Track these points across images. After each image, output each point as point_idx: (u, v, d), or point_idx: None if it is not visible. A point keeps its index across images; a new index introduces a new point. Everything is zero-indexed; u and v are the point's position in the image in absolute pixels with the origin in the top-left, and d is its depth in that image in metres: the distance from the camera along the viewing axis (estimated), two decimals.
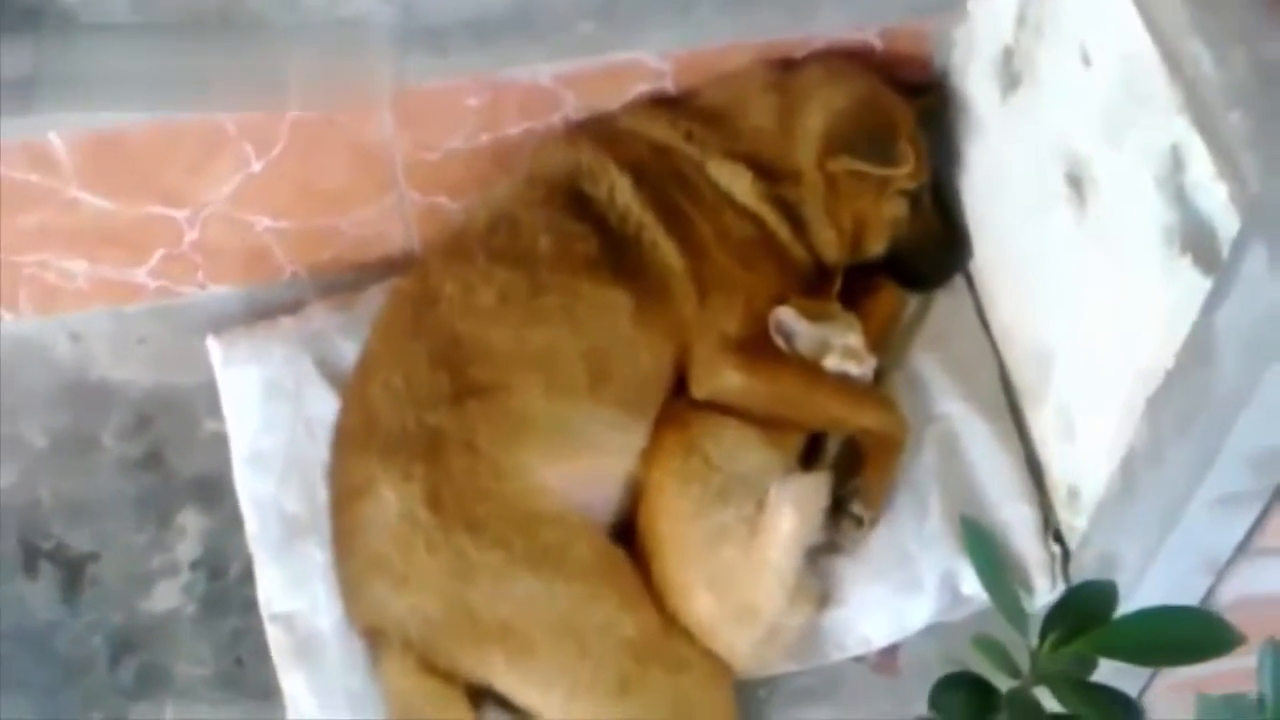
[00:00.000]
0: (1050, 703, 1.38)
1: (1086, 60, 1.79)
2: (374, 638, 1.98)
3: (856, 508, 2.06)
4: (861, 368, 2.11)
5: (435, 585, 1.92)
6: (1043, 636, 1.38)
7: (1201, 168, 1.54)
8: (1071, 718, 1.35)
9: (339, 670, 2.04)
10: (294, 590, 2.11)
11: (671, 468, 2.02)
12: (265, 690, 2.08)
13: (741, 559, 1.96)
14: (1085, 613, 1.38)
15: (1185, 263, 1.61)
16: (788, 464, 2.07)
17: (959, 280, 2.30)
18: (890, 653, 2.09)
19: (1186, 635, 1.32)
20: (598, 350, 2.03)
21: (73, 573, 2.24)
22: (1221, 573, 1.79)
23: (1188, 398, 1.64)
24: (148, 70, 2.12)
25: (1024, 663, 1.38)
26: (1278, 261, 1.43)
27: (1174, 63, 1.58)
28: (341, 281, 2.39)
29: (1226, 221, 1.51)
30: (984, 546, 1.42)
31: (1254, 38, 1.50)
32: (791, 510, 1.97)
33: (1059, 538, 2.08)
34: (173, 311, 2.42)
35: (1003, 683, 1.38)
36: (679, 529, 1.99)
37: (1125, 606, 1.39)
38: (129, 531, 2.27)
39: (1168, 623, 1.35)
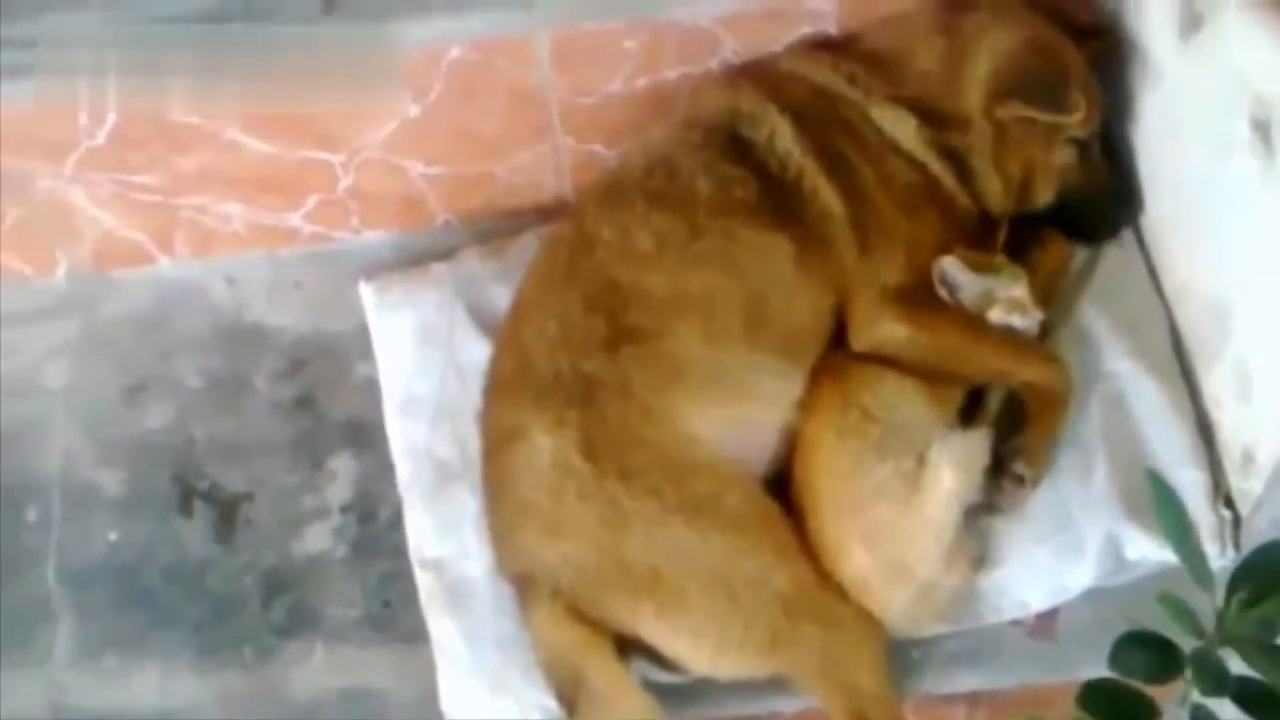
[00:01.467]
0: (1234, 665, 1.33)
1: None
2: (524, 585, 1.97)
3: (1018, 466, 2.00)
4: (1026, 321, 2.04)
5: (587, 533, 1.91)
6: (1228, 597, 1.33)
7: None
8: (1258, 682, 1.29)
9: (488, 616, 2.04)
10: (444, 536, 2.11)
11: (829, 421, 1.98)
12: (413, 634, 2.09)
13: (898, 516, 1.92)
14: (1272, 574, 1.33)
15: None
16: (948, 419, 2.02)
17: (1128, 233, 2.21)
18: (1048, 617, 2.02)
19: None
20: (756, 296, 1.99)
21: (226, 512, 2.28)
22: None
23: None
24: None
25: (1208, 623, 1.33)
26: None
27: None
28: (493, 229, 2.38)
29: None
30: (1170, 503, 1.36)
31: None
32: (951, 467, 1.91)
33: (1229, 503, 1.99)
34: (327, 257, 2.43)
35: (1185, 643, 1.33)
36: (835, 485, 1.95)
37: None
38: (281, 473, 2.30)
39: None
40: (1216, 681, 1.27)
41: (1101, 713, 1.30)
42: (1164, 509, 1.35)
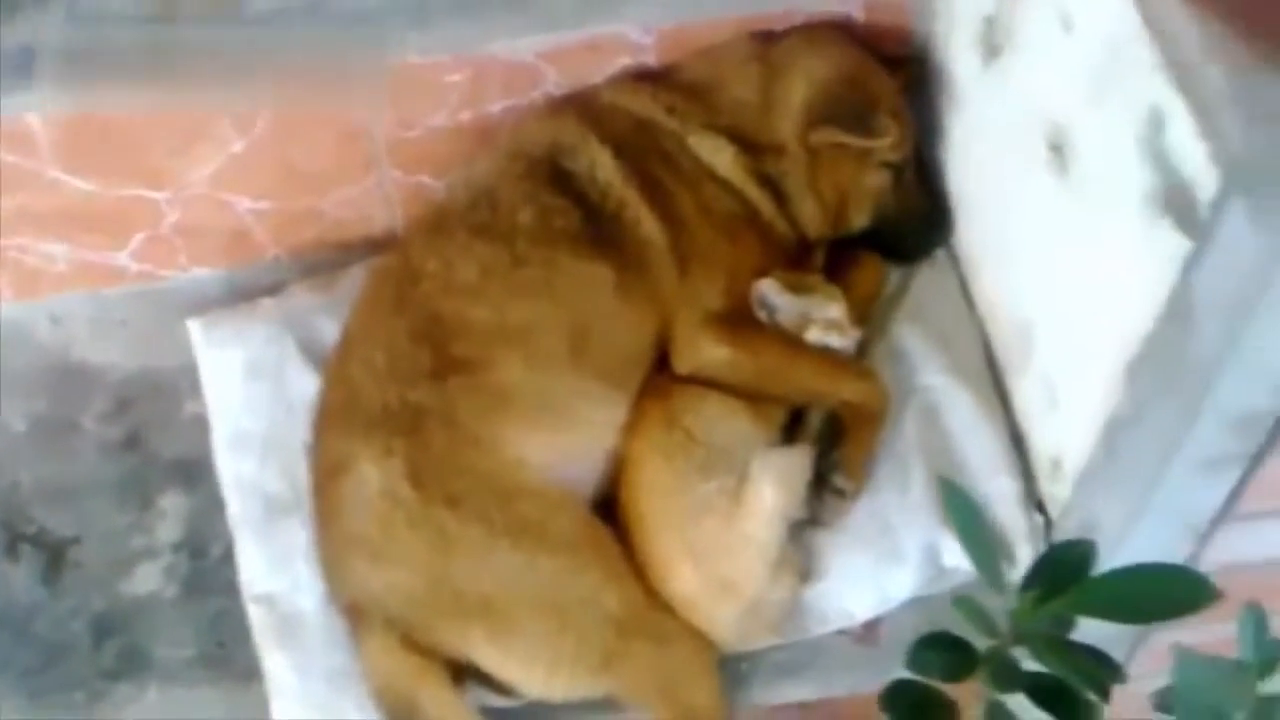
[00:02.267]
0: (1029, 664, 1.37)
1: (1067, 25, 1.78)
2: (355, 615, 1.96)
3: (838, 480, 2.05)
4: (843, 340, 2.10)
5: (416, 561, 1.91)
6: (1021, 596, 1.37)
7: (1182, 127, 1.52)
8: (1049, 676, 1.34)
9: (320, 649, 2.03)
10: (276, 570, 2.10)
11: (653, 441, 2.01)
12: (247, 672, 2.07)
13: (723, 533, 1.95)
14: (1063, 572, 1.37)
15: (1165, 225, 1.59)
16: (770, 437, 2.06)
17: (941, 253, 2.29)
18: (872, 626, 2.07)
19: (1164, 591, 1.31)
20: (579, 324, 2.02)
21: (53, 556, 2.24)
22: (1204, 538, 1.78)
23: (1167, 361, 1.63)
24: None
25: (1003, 624, 1.37)
26: (1258, 220, 1.42)
27: (1154, 22, 1.56)
28: (323, 262, 2.38)
29: (1206, 181, 1.49)
30: (963, 508, 1.41)
31: None
32: (773, 484, 1.96)
33: (1041, 508, 2.07)
34: (154, 294, 2.41)
35: (982, 643, 1.38)
36: (660, 503, 1.98)
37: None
38: (110, 514, 2.26)
39: (1145, 579, 1.34)
40: (1008, 678, 1.31)
41: (902, 713, 1.33)
42: (956, 514, 1.39)
